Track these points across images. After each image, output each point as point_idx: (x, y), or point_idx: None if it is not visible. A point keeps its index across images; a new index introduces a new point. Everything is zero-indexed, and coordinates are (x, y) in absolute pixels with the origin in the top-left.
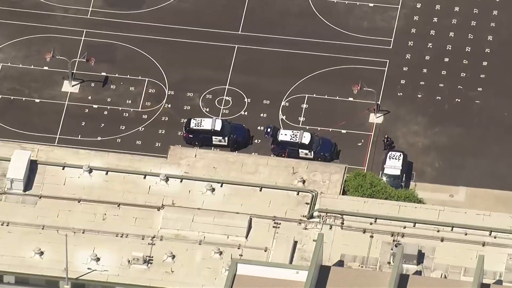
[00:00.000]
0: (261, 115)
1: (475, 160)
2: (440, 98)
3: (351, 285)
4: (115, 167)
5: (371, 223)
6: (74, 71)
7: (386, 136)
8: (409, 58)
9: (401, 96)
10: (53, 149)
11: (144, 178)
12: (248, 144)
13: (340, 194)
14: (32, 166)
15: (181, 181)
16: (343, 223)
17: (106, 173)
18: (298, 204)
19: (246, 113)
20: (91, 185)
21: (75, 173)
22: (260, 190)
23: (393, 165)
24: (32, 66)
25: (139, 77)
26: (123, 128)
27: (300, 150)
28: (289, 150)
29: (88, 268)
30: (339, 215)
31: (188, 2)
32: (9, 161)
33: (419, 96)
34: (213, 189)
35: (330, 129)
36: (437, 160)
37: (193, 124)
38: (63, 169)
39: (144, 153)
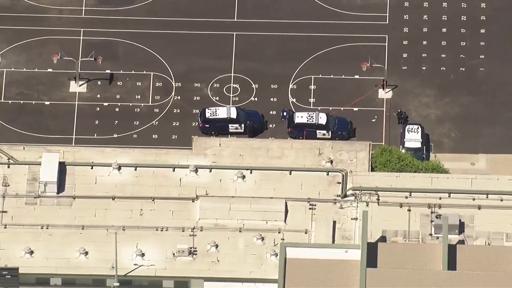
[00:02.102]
0: (271, 99)
1: (489, 126)
2: (444, 68)
3: (403, 259)
4: (143, 162)
5: (406, 197)
6: (79, 71)
7: (399, 110)
8: (407, 31)
9: (406, 70)
10: (79, 150)
11: (173, 170)
12: (264, 129)
13: (369, 171)
14: (61, 168)
15: (210, 171)
16: (378, 199)
17: (135, 169)
18: (330, 184)
19: (256, 99)
20: (122, 182)
21: (105, 172)
22: (290, 174)
23: (413, 138)
24: (36, 69)
25: (144, 72)
26: (137, 124)
27: (317, 131)
28: (306, 132)
29: (135, 264)
30: (374, 192)
31: None
32: (38, 165)
33: (424, 68)
34: (244, 176)
35: (342, 108)
36: (452, 130)
37: (208, 113)
38: (91, 168)
39: (163, 147)
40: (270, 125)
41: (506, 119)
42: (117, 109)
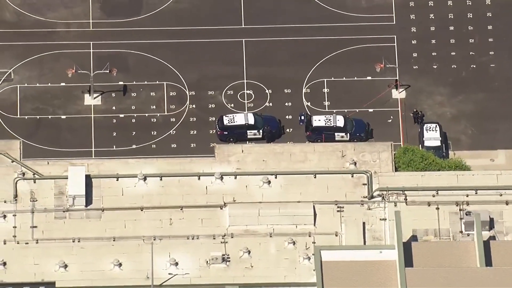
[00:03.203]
0: (286, 104)
1: (505, 122)
2: (455, 66)
3: (438, 257)
4: (167, 171)
5: (433, 195)
6: (90, 84)
7: (415, 109)
8: (415, 31)
9: (417, 69)
10: (103, 162)
11: (199, 179)
12: (281, 134)
13: (393, 171)
14: (87, 181)
15: (235, 177)
16: (406, 199)
17: (161, 179)
18: (356, 186)
19: (270, 104)
20: (149, 192)
21: (131, 183)
22: (315, 177)
23: (432, 136)
24: (49, 84)
25: (157, 82)
26: (155, 134)
27: (336, 134)
28: (325, 135)
29: (169, 273)
30: (401, 192)
31: (184, 3)
32: (64, 179)
33: (435, 67)
34: (269, 182)
35: (358, 110)
36: (469, 127)
37: (226, 120)
38: (117, 180)
39: (185, 156)
40: (287, 130)
41: None
42: (133, 120)
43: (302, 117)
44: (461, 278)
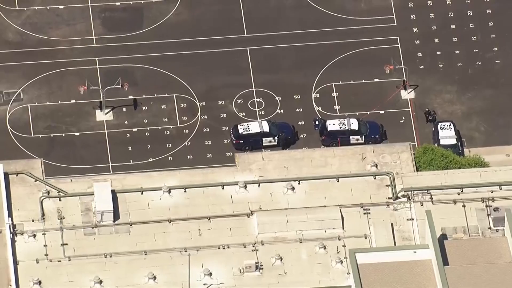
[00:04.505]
0: (297, 110)
1: None
2: (461, 64)
3: (472, 255)
4: (190, 183)
5: (458, 193)
6: (102, 100)
7: (427, 109)
8: (417, 31)
9: (424, 69)
10: (125, 176)
11: (223, 188)
12: (296, 140)
13: (414, 171)
14: (112, 196)
15: (258, 185)
16: (431, 198)
17: (185, 191)
18: (379, 188)
19: (281, 111)
20: (174, 204)
21: (155, 196)
22: (338, 181)
23: (447, 135)
24: (59, 102)
25: (166, 94)
26: (170, 146)
27: (351, 137)
28: (340, 138)
29: (204, 284)
30: (426, 191)
31: (184, 14)
32: (90, 195)
33: (440, 66)
34: (293, 188)
35: (369, 112)
36: (481, 124)
37: (241, 129)
38: (142, 193)
39: (204, 166)
40: (301, 136)
41: None
42: (147, 134)
43: (317, 122)
44: (499, 274)
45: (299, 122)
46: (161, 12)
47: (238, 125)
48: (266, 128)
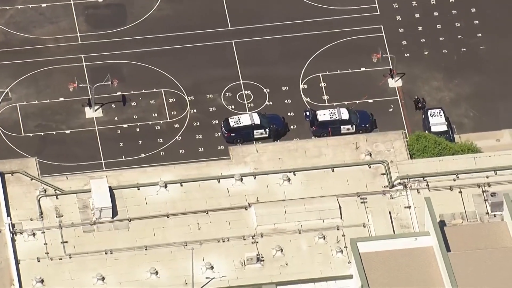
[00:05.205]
0: (286, 101)
1: (504, 101)
2: (446, 51)
3: (473, 240)
4: (186, 177)
5: (454, 180)
6: (91, 97)
7: (416, 96)
8: (400, 19)
9: (409, 57)
10: (121, 173)
11: (219, 182)
12: (287, 131)
13: (408, 158)
14: (109, 192)
15: (254, 177)
16: (428, 185)
17: (181, 185)
18: (375, 176)
19: (270, 102)
20: (171, 199)
21: (152, 191)
22: (333, 171)
23: (438, 122)
24: (48, 100)
25: (154, 90)
26: (161, 141)
27: (341, 127)
28: (331, 128)
29: (206, 278)
30: (422, 178)
31: (167, 9)
32: (87, 192)
33: (426, 53)
34: (289, 179)
35: (358, 102)
36: (470, 110)
37: (232, 122)
38: (138, 189)
39: (198, 160)
40: (291, 127)
41: None
42: (138, 129)
43: (308, 113)
44: (502, 259)
45: (289, 114)
46: (144, 7)
47: (229, 118)
48: (257, 120)
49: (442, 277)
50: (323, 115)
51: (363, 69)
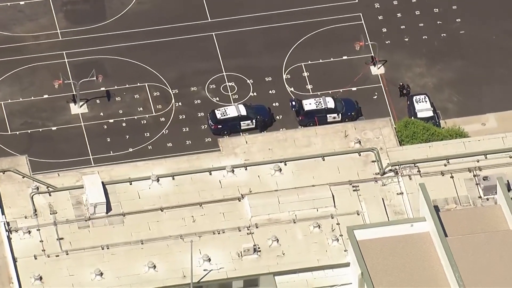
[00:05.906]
0: (270, 92)
1: (487, 85)
2: (426, 37)
3: (469, 225)
4: (177, 170)
5: (445, 165)
6: (75, 93)
7: (400, 83)
8: (379, 7)
9: (390, 44)
10: (113, 168)
11: (210, 174)
12: (273, 122)
13: (398, 145)
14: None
15: (246, 169)
16: (419, 171)
17: (173, 178)
18: (365, 164)
19: (255, 93)
20: (164, 192)
21: (145, 185)
22: (323, 160)
23: (424, 108)
24: (32, 98)
25: (138, 84)
26: (148, 135)
27: (328, 115)
28: (317, 117)
29: (204, 270)
30: (413, 164)
31: (146, 3)
32: (80, 188)
33: (406, 39)
34: (280, 169)
35: (341, 90)
36: (453, 95)
37: (219, 114)
38: (130, 184)
39: (189, 152)
40: (277, 117)
41: (501, 76)
42: (124, 124)
43: (293, 103)
44: (499, 242)
45: (274, 104)
46: (122, 2)
47: (216, 110)
48: (243, 111)
49: (441, 262)
50: (309, 105)
51: (345, 57)
